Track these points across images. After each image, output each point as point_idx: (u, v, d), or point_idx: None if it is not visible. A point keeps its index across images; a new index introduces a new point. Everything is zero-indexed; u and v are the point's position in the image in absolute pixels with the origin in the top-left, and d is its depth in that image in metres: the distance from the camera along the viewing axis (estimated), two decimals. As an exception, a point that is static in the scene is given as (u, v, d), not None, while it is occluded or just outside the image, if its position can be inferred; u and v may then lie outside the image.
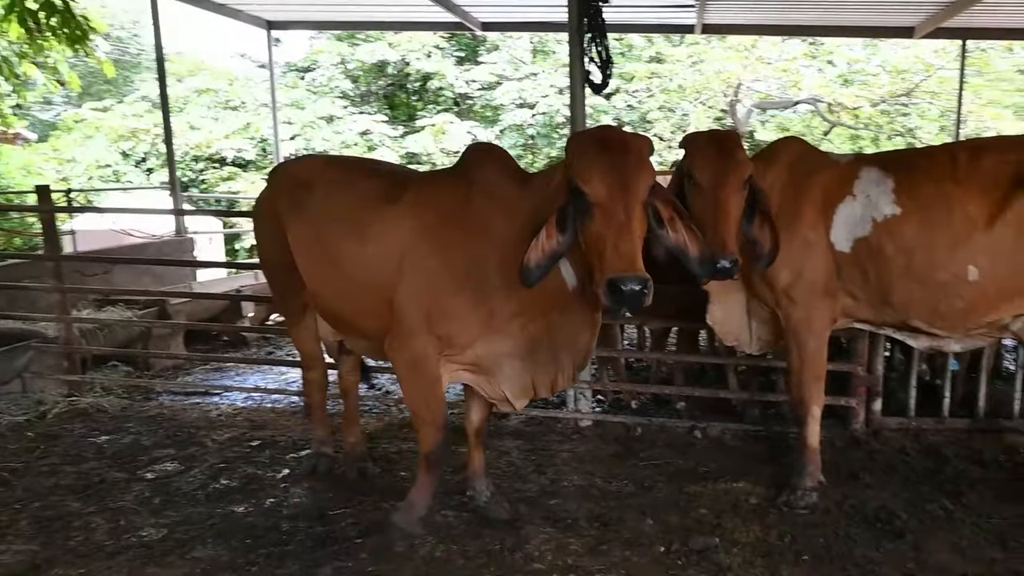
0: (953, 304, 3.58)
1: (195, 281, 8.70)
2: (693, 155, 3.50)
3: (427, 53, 18.75)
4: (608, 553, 3.32)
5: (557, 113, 18.27)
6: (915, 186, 3.58)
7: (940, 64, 16.07)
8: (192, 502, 3.89)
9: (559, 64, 19.15)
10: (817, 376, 3.84)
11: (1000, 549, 3.33)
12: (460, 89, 19.37)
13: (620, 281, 2.54)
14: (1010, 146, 3.62)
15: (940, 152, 3.75)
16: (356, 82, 19.63)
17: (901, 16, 9.24)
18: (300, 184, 3.65)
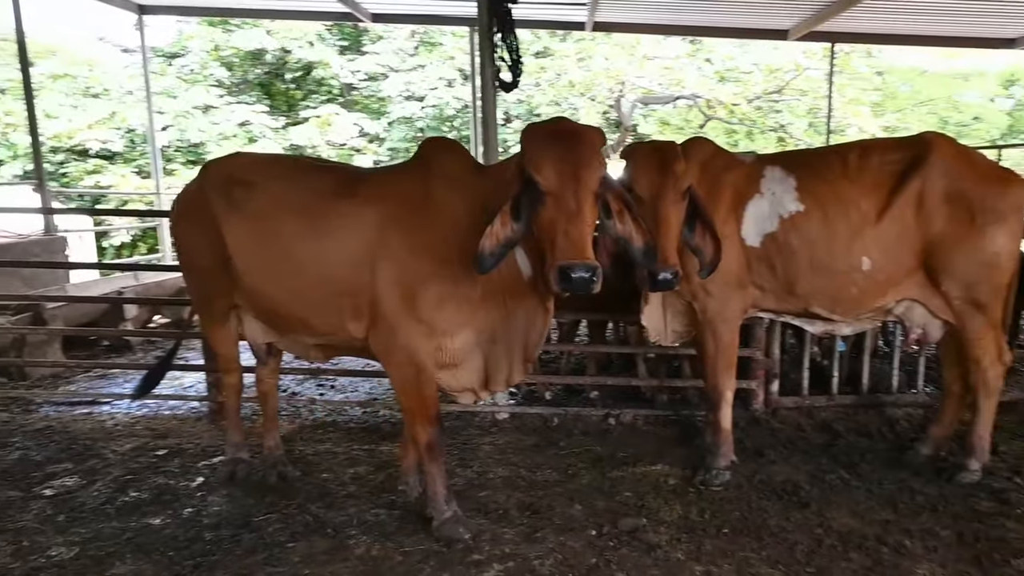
0: (849, 292, 3.87)
1: (69, 283, 8.15)
2: (633, 168, 3.60)
3: (309, 42, 18.17)
4: (543, 540, 3.40)
5: (447, 106, 18.20)
6: (815, 184, 3.85)
7: (808, 65, 17.18)
8: (101, 517, 3.68)
9: (446, 57, 19.09)
10: (730, 363, 4.07)
11: (892, 511, 3.65)
12: (345, 79, 18.92)
13: (570, 268, 2.64)
14: (891, 148, 3.93)
15: (832, 153, 4.03)
16: (232, 70, 18.77)
17: (777, 19, 9.83)
18: (237, 182, 3.53)
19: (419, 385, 3.31)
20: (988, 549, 3.26)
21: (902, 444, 4.48)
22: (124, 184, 15.28)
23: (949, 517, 3.57)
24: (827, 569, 3.13)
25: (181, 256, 3.92)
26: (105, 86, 16.82)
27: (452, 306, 3.20)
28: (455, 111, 18.32)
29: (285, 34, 17.75)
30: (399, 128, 18.51)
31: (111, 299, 7.10)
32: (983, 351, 3.87)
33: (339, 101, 18.99)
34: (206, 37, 17.89)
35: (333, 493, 3.91)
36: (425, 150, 3.45)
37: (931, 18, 9.45)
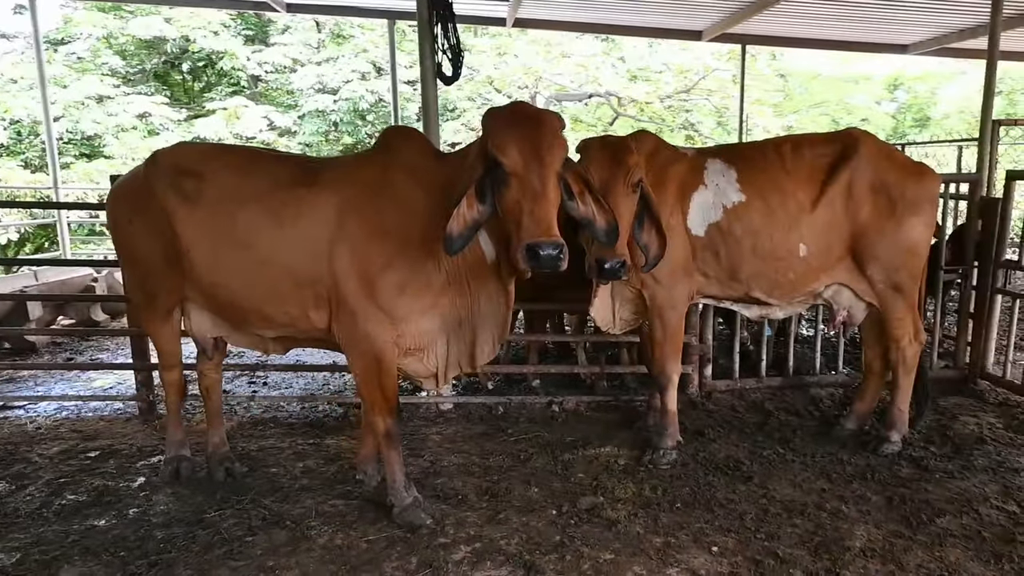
0: (787, 277, 4.09)
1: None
2: (587, 160, 3.66)
3: (213, 31, 17.48)
4: (506, 521, 3.45)
5: (361, 99, 17.94)
6: (755, 176, 4.05)
7: (716, 66, 17.87)
8: (39, 522, 3.50)
9: (359, 50, 18.83)
10: (677, 348, 4.21)
11: (826, 481, 3.88)
12: (252, 71, 18.35)
13: (538, 246, 2.68)
14: (821, 142, 4.18)
15: (768, 146, 4.23)
16: (127, 59, 17.88)
17: (692, 20, 10.20)
18: (186, 173, 3.42)
19: (380, 374, 3.29)
20: (915, 510, 3.52)
21: (828, 420, 4.75)
22: (14, 178, 14.32)
23: (877, 484, 3.83)
24: (775, 535, 3.31)
25: (122, 250, 3.73)
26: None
27: (412, 292, 3.21)
28: (369, 105, 18.09)
29: (186, 22, 16.99)
30: (311, 121, 18.08)
31: (19, 296, 6.74)
32: (903, 331, 4.17)
33: (246, 93, 18.40)
34: (96, 23, 16.89)
35: (285, 487, 3.84)
36: (386, 139, 3.45)
37: (834, 24, 10.00)
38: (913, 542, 3.25)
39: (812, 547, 3.20)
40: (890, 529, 3.36)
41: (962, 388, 5.31)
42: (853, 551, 3.16)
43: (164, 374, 3.97)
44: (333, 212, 3.22)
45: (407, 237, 3.16)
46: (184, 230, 3.39)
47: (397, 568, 3.07)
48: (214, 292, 3.46)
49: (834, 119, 22.80)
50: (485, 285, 3.24)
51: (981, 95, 5.57)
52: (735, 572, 3.01)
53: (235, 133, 16.69)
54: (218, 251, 3.35)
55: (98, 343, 7.33)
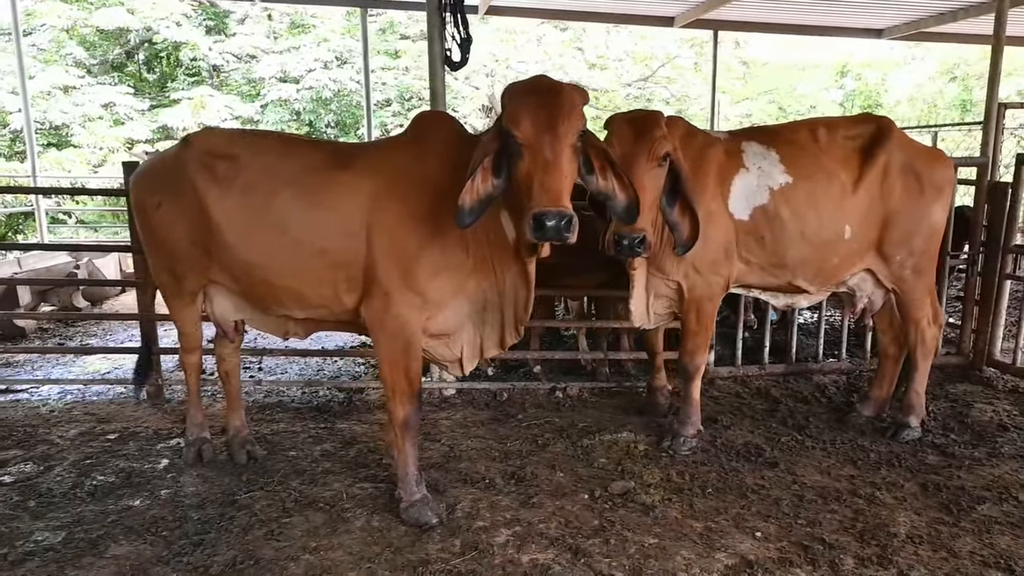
0: (832, 262, 4.07)
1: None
2: (610, 134, 3.60)
3: (176, 22, 17.25)
4: (540, 505, 3.40)
5: (325, 88, 17.80)
6: (797, 157, 4.00)
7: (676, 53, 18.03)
8: (75, 502, 3.47)
9: (320, 39, 18.65)
10: (707, 339, 4.17)
11: (853, 467, 3.90)
12: (214, 61, 18.08)
13: (544, 215, 2.62)
14: (852, 124, 4.19)
15: (800, 128, 4.19)
16: (91, 50, 17.52)
17: (665, 6, 10.23)
18: (220, 156, 3.34)
19: (407, 358, 3.22)
20: (953, 497, 3.53)
21: (837, 407, 4.79)
22: None
23: (906, 470, 3.85)
24: (816, 521, 3.30)
25: (148, 234, 3.59)
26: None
27: (445, 276, 3.16)
28: (333, 93, 17.93)
29: (148, 13, 16.76)
30: (275, 110, 17.90)
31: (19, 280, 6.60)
32: (922, 314, 4.23)
33: (209, 83, 18.13)
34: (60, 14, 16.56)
35: (309, 470, 3.76)
36: (419, 123, 3.40)
37: (809, 9, 10.13)
38: (959, 529, 3.25)
39: (856, 533, 3.20)
40: (931, 516, 3.36)
41: (968, 375, 5.38)
42: (900, 537, 3.16)
43: (185, 357, 3.90)
44: (369, 196, 3.16)
45: (441, 220, 3.09)
46: (218, 212, 3.30)
47: (442, 550, 3.00)
48: (248, 272, 3.36)
49: (782, 107, 23.25)
50: (509, 268, 3.19)
51: (933, 82, 5.70)
52: (785, 557, 3.00)
53: (199, 122, 16.43)
54: (254, 232, 3.27)
55: (84, 328, 7.13)
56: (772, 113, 22.81)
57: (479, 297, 3.25)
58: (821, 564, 2.96)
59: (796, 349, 5.54)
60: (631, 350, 5.49)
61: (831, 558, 3.00)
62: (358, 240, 3.15)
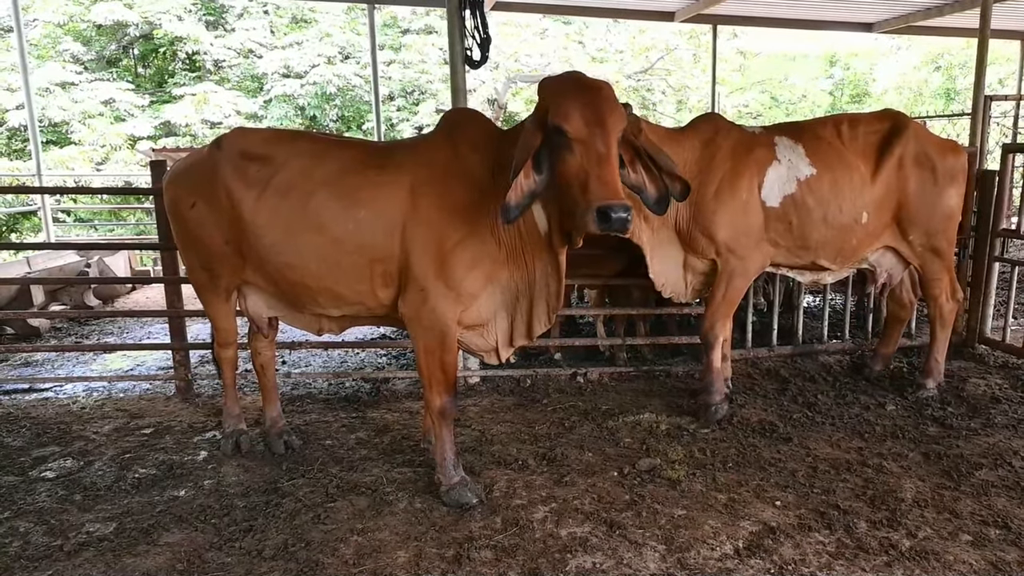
0: (851, 243, 4.48)
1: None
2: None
3: (177, 16, 17.21)
4: (573, 483, 3.59)
5: (329, 83, 17.83)
6: (820, 150, 4.39)
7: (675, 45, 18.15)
8: (120, 494, 3.59)
9: (323, 34, 18.66)
10: (730, 312, 4.51)
11: (861, 440, 4.12)
12: (216, 56, 18.07)
13: (609, 208, 2.73)
14: (871, 120, 4.57)
15: (825, 124, 4.56)
16: (88, 45, 17.47)
17: (664, 1, 10.36)
18: (253, 157, 3.47)
19: (443, 350, 3.36)
20: (953, 465, 3.76)
21: (840, 386, 5.00)
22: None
23: (910, 441, 4.08)
24: (830, 489, 3.51)
25: (183, 233, 3.73)
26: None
27: (479, 269, 3.29)
28: (337, 89, 17.95)
29: (148, 8, 16.70)
30: (279, 106, 17.89)
31: (26, 280, 6.73)
32: (940, 290, 4.66)
33: (211, 78, 18.11)
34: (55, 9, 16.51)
35: (347, 458, 3.94)
36: (450, 120, 3.51)
37: (803, 3, 10.38)
38: (960, 492, 3.47)
39: (867, 499, 3.41)
40: (934, 482, 3.59)
41: (962, 351, 5.62)
42: (907, 502, 3.38)
43: (220, 351, 4.05)
44: (406, 193, 3.29)
45: (475, 215, 3.23)
46: (251, 214, 3.43)
47: (484, 527, 3.19)
48: (283, 274, 3.49)
49: (774, 96, 23.38)
50: (540, 257, 3.32)
51: (918, 72, 5.95)
52: (804, 523, 3.20)
53: (203, 118, 16.44)
54: (289, 234, 3.39)
55: (99, 326, 7.26)
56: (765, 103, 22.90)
57: (512, 287, 3.39)
58: (837, 528, 3.17)
59: (802, 331, 5.74)
60: (647, 335, 5.67)
61: (846, 523, 3.21)
62: (394, 237, 3.29)
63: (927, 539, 3.09)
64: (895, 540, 3.08)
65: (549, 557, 2.96)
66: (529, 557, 2.97)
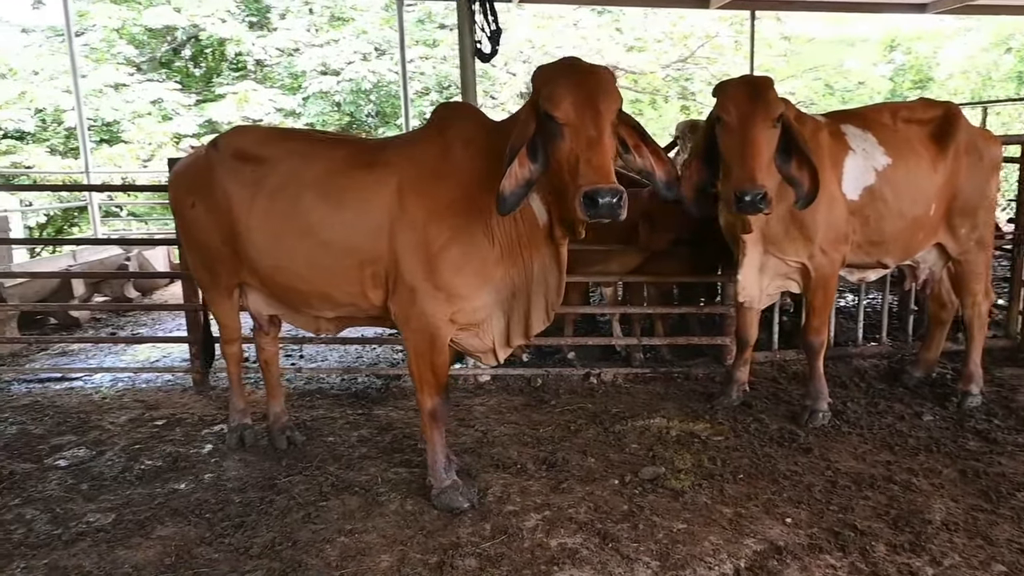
0: (918, 237, 4.31)
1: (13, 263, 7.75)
2: (723, 97, 3.68)
3: (221, 19, 17.58)
4: (570, 491, 3.44)
5: (364, 80, 17.97)
6: (891, 139, 4.21)
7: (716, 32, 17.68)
8: (125, 485, 3.65)
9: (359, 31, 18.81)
10: (829, 315, 4.40)
11: (890, 453, 3.85)
12: (257, 55, 18.40)
13: (596, 193, 2.61)
14: (927, 108, 4.43)
15: (884, 111, 4.37)
16: (140, 48, 17.99)
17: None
18: (247, 158, 3.44)
19: (432, 352, 3.27)
20: (993, 484, 3.47)
21: (875, 394, 4.72)
22: (51, 164, 14.58)
23: (945, 456, 3.79)
24: (848, 507, 3.27)
25: (185, 232, 3.74)
26: (10, 66, 15.87)
27: (471, 269, 3.17)
28: (372, 85, 18.08)
29: (194, 11, 17.09)
30: (315, 103, 18.12)
31: (66, 274, 6.95)
32: (979, 286, 4.50)
33: (253, 77, 18.45)
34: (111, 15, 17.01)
35: (346, 455, 3.88)
36: (439, 115, 3.41)
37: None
38: (997, 516, 3.19)
39: (890, 520, 3.17)
40: (969, 503, 3.31)
41: (1015, 358, 5.26)
42: (935, 524, 3.12)
43: (225, 347, 4.03)
44: (393, 193, 3.20)
45: (466, 213, 3.12)
46: (244, 215, 3.40)
47: (472, 534, 3.07)
48: (275, 276, 3.45)
49: (828, 84, 22.57)
50: (539, 251, 3.19)
51: (986, 53, 5.64)
52: (815, 544, 2.99)
53: (244, 116, 16.73)
54: (280, 236, 3.34)
55: (135, 318, 7.41)
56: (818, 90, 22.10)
57: (507, 285, 3.26)
58: (852, 550, 2.94)
59: (835, 333, 5.48)
60: (665, 335, 5.48)
61: (862, 545, 2.98)
62: (382, 238, 3.20)
63: (953, 567, 2.84)
64: (916, 567, 2.84)
65: (534, 569, 2.83)
66: (514, 568, 2.83)
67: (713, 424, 4.25)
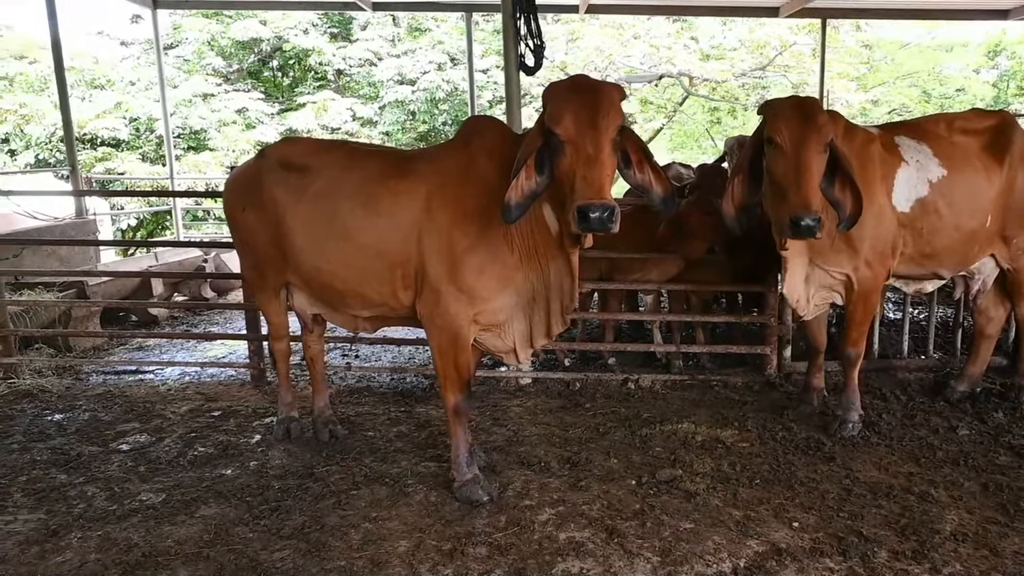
0: (973, 249, 4.31)
1: (100, 263, 8.42)
2: (774, 119, 3.69)
3: (303, 30, 18.35)
4: (587, 488, 3.60)
5: (438, 89, 18.39)
6: (946, 150, 4.20)
7: (793, 40, 17.32)
8: (177, 468, 3.97)
9: (435, 41, 19.26)
10: (867, 327, 4.37)
11: (915, 464, 3.86)
12: (337, 66, 19.09)
13: (588, 207, 2.80)
14: (982, 117, 4.43)
15: (940, 122, 4.38)
16: (228, 59, 18.93)
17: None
18: (292, 167, 3.75)
19: (455, 350, 3.47)
20: (1013, 498, 3.46)
21: (915, 406, 4.69)
22: (140, 170, 15.61)
23: (971, 470, 3.77)
24: (858, 515, 3.33)
25: (236, 236, 4.09)
26: (109, 77, 17.04)
27: (492, 273, 3.37)
28: (446, 94, 18.50)
29: (279, 23, 17.92)
30: (391, 111, 18.64)
31: (149, 273, 7.44)
32: None
33: (332, 87, 19.14)
34: (201, 28, 18.03)
35: (383, 449, 4.13)
36: (467, 128, 3.64)
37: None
38: (1010, 529, 3.20)
39: (898, 528, 3.21)
40: (984, 515, 3.32)
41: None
42: (943, 534, 3.15)
43: (274, 344, 4.36)
44: (422, 200, 3.43)
45: (488, 220, 3.31)
46: (290, 220, 3.69)
47: (487, 525, 3.27)
48: (315, 276, 3.73)
49: (925, 91, 21.60)
50: (555, 259, 3.36)
51: None
52: (817, 547, 3.06)
53: (322, 124, 17.39)
54: (320, 239, 3.62)
55: (209, 317, 7.92)
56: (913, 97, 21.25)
57: (527, 289, 3.45)
58: (852, 555, 3.01)
59: (879, 344, 5.43)
60: (705, 343, 5.55)
61: (864, 551, 3.04)
62: (411, 242, 3.44)
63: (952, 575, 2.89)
64: (914, 573, 2.90)
65: (539, 559, 3.00)
66: (520, 557, 3.02)
67: (741, 431, 4.33)
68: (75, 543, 3.23)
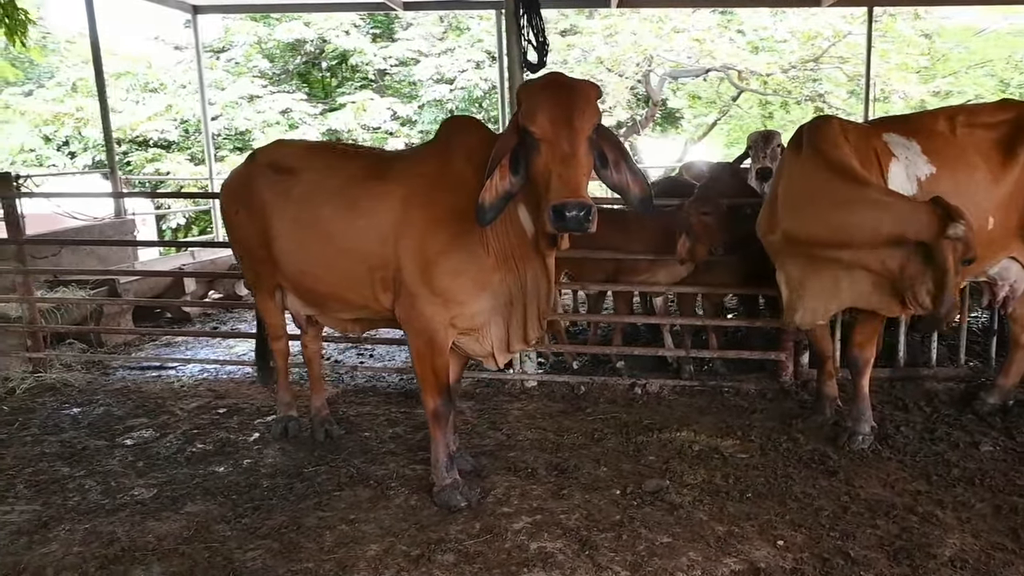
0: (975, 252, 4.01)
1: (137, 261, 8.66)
2: None
3: (345, 31, 18.60)
4: (569, 497, 3.53)
5: (475, 88, 18.41)
6: (938, 147, 3.97)
7: (848, 30, 16.66)
8: (174, 464, 4.06)
9: (474, 40, 19.26)
10: (876, 332, 4.18)
11: (925, 482, 3.64)
12: (378, 66, 19.29)
13: (563, 206, 2.72)
14: (991, 111, 4.11)
15: (938, 117, 4.12)
16: (273, 61, 19.35)
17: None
18: (280, 170, 3.77)
19: (432, 353, 3.43)
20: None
21: (938, 418, 4.46)
22: (182, 171, 16.12)
23: (986, 490, 3.55)
24: (851, 534, 3.16)
25: (232, 237, 4.15)
26: (161, 81, 17.62)
27: (468, 275, 3.32)
28: (483, 92, 18.49)
29: (322, 25, 18.21)
30: (430, 110, 18.71)
31: (179, 273, 7.65)
32: None
33: (373, 87, 19.35)
34: (249, 32, 18.48)
35: (374, 450, 4.15)
36: (445, 130, 3.59)
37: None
38: (1016, 556, 2.99)
39: (891, 551, 3.03)
40: (991, 540, 3.11)
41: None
42: (939, 559, 2.96)
43: (272, 343, 4.41)
44: (399, 202, 3.41)
45: (464, 222, 3.24)
46: (276, 222, 3.73)
47: (461, 531, 3.23)
48: (301, 279, 3.77)
49: (1002, 80, 20.48)
50: (531, 262, 3.29)
51: None
52: (798, 568, 2.92)
53: (363, 124, 17.59)
54: (305, 242, 3.65)
55: (238, 314, 8.05)
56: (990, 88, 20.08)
57: (503, 292, 3.38)
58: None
59: (906, 351, 5.18)
60: (717, 348, 5.39)
61: (849, 574, 2.89)
62: (388, 244, 3.42)
63: (941, 605, 2.71)
64: (897, 602, 2.74)
65: (505, 569, 2.95)
66: (486, 566, 2.97)
67: (743, 441, 4.19)
68: (62, 535, 3.32)
